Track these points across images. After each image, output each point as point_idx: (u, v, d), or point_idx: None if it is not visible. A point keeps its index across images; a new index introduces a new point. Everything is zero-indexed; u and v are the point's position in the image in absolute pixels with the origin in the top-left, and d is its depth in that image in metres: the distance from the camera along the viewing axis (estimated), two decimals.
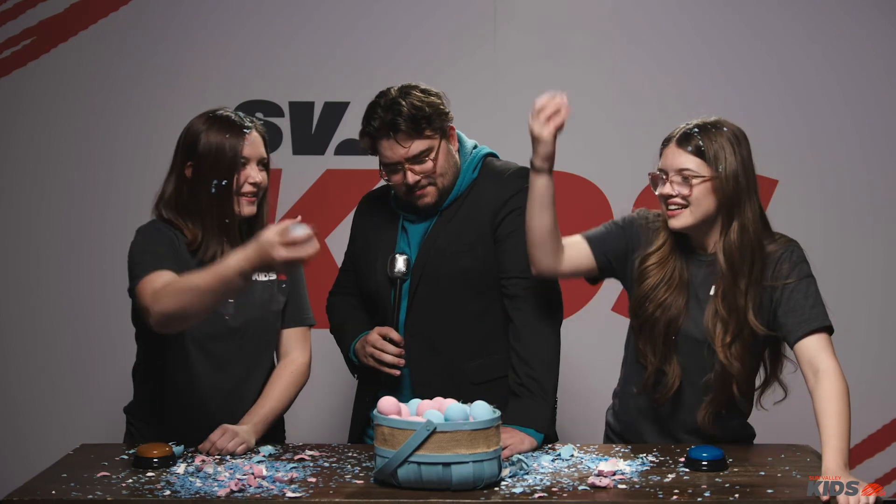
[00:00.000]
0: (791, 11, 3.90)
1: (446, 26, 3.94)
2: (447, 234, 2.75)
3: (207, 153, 2.58)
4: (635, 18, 3.93)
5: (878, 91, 3.91)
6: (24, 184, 4.01)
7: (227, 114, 2.65)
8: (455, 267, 2.72)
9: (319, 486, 2.30)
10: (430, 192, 2.72)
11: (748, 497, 2.22)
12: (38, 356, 4.00)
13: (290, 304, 2.75)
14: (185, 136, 2.63)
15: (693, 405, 2.59)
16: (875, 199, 3.94)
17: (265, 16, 3.96)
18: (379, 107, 2.69)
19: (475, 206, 2.76)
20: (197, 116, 2.66)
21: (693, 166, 2.50)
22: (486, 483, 2.25)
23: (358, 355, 2.80)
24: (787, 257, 2.53)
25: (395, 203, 2.84)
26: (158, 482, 2.31)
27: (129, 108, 3.97)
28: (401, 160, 2.68)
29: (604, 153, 3.92)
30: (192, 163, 2.60)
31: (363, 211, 2.94)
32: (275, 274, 2.69)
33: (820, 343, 2.46)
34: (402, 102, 2.66)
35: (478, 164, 2.80)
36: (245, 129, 2.62)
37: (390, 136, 2.66)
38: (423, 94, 2.69)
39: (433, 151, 2.70)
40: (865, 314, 3.92)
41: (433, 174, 2.71)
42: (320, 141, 3.97)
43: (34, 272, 4.02)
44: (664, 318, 2.55)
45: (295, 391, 2.75)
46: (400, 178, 2.70)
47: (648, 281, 2.57)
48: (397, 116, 2.65)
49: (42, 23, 3.96)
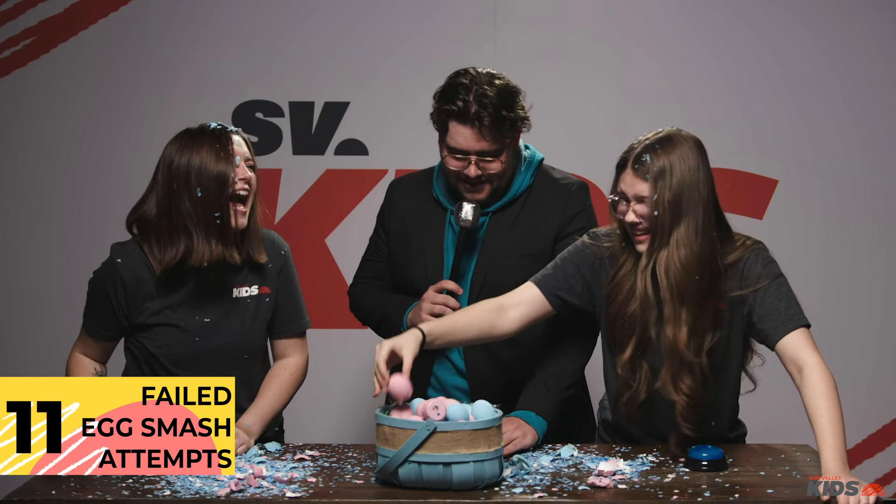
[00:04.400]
0: (791, 11, 3.91)
1: (446, 27, 3.94)
2: (509, 241, 2.73)
3: (192, 164, 2.54)
4: (635, 19, 3.93)
5: (878, 91, 3.91)
6: (24, 184, 4.01)
7: (204, 125, 2.62)
8: (519, 277, 2.63)
9: (319, 486, 2.30)
10: (486, 189, 2.70)
11: (748, 497, 2.22)
12: (37, 356, 4.00)
13: (283, 314, 2.73)
14: (167, 156, 2.58)
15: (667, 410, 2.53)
16: (875, 199, 3.93)
17: (265, 16, 3.96)
18: (466, 89, 2.63)
19: (538, 215, 2.74)
20: (172, 139, 2.60)
21: (648, 192, 2.42)
22: (486, 483, 2.25)
23: (413, 323, 2.69)
24: (754, 260, 2.48)
25: (442, 194, 2.79)
26: (158, 482, 2.31)
27: (128, 108, 3.97)
28: (471, 150, 2.65)
29: (603, 153, 3.90)
30: (178, 178, 2.55)
31: (399, 196, 2.87)
32: (257, 288, 2.68)
33: (800, 340, 2.43)
34: (491, 94, 2.61)
35: (534, 171, 2.78)
36: (229, 130, 2.60)
37: (475, 125, 2.61)
38: (510, 94, 2.65)
39: (504, 153, 2.67)
40: (865, 314, 3.92)
41: (495, 174, 2.69)
42: (320, 141, 3.97)
43: (34, 272, 4.02)
44: (634, 330, 2.50)
45: (293, 390, 2.74)
46: (462, 165, 2.67)
47: (618, 298, 2.51)
48: (484, 109, 2.61)
49: (42, 23, 3.97)
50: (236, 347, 2.66)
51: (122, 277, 2.60)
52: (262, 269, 2.69)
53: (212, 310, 2.63)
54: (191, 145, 2.57)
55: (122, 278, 2.60)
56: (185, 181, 2.54)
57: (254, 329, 2.68)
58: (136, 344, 2.66)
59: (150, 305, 2.61)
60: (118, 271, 2.61)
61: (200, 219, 2.55)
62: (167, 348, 2.62)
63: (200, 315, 2.62)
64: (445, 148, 2.69)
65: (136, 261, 2.61)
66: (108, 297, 2.62)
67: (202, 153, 2.55)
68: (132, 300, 2.61)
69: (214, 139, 2.57)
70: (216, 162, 2.55)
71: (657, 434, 2.60)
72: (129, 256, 2.62)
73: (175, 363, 2.62)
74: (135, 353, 2.67)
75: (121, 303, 2.62)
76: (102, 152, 3.98)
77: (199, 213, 2.55)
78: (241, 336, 2.66)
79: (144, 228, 2.61)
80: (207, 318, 2.62)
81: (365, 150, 3.97)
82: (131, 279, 2.60)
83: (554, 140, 3.85)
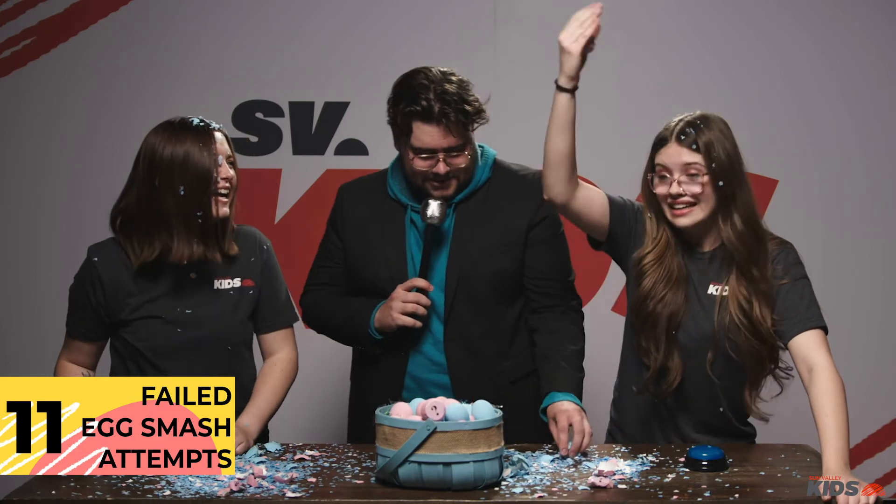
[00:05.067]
0: (791, 11, 3.90)
1: (446, 26, 3.93)
2: (481, 233, 2.77)
3: (176, 158, 2.55)
4: (635, 18, 3.92)
5: (878, 91, 3.91)
6: (24, 184, 4.01)
7: (186, 119, 2.63)
8: (491, 269, 2.72)
9: (319, 486, 2.30)
10: (453, 185, 2.74)
11: (748, 497, 2.22)
12: (37, 356, 3.99)
13: (267, 308, 2.73)
14: (149, 147, 2.59)
15: (694, 401, 2.59)
16: (875, 199, 3.93)
17: (265, 16, 3.96)
18: (426, 89, 2.67)
19: (506, 205, 2.78)
20: (153, 129, 2.62)
21: (698, 161, 2.49)
22: (486, 483, 2.25)
23: (381, 325, 2.76)
24: (783, 258, 2.53)
25: (401, 192, 2.82)
26: (158, 482, 2.31)
27: (128, 108, 3.96)
28: (439, 148, 2.68)
29: (604, 153, 3.92)
30: (160, 171, 2.55)
31: (352, 201, 2.89)
32: (240, 280, 2.68)
33: (814, 340, 2.45)
34: (452, 91, 2.67)
35: (491, 164, 2.83)
36: (211, 128, 2.61)
37: (441, 122, 2.65)
38: (467, 89, 2.71)
39: (468, 146, 2.72)
40: (866, 314, 3.92)
41: (463, 168, 2.72)
42: (320, 141, 3.96)
43: (34, 272, 4.02)
44: (665, 313, 2.55)
45: (286, 387, 2.74)
46: (430, 164, 2.70)
47: (647, 279, 2.56)
48: (448, 105, 2.65)
49: (42, 23, 3.96)
50: (219, 338, 2.66)
51: (99, 276, 2.62)
52: (245, 263, 2.69)
53: (192, 301, 2.63)
54: (174, 139, 2.57)
55: (100, 277, 2.62)
56: (167, 177, 2.55)
57: (236, 320, 2.68)
58: (120, 341, 2.67)
59: (131, 301, 2.62)
60: (95, 270, 2.62)
61: (182, 217, 2.56)
62: (149, 341, 2.62)
63: (181, 307, 2.63)
64: (409, 150, 2.71)
65: (114, 258, 2.62)
66: (87, 298, 2.64)
67: (185, 149, 2.56)
68: (111, 297, 2.62)
69: (198, 136, 2.58)
70: (199, 159, 2.55)
71: (672, 430, 2.61)
72: (106, 253, 2.63)
73: (158, 355, 2.62)
74: (119, 351, 2.68)
75: (100, 301, 2.63)
76: (102, 152, 3.98)
77: (180, 211, 2.55)
78: (223, 327, 2.66)
79: (126, 223, 2.61)
80: (188, 310, 2.62)
81: (365, 150, 3.96)
82: (109, 277, 2.62)
83: None
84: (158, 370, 2.61)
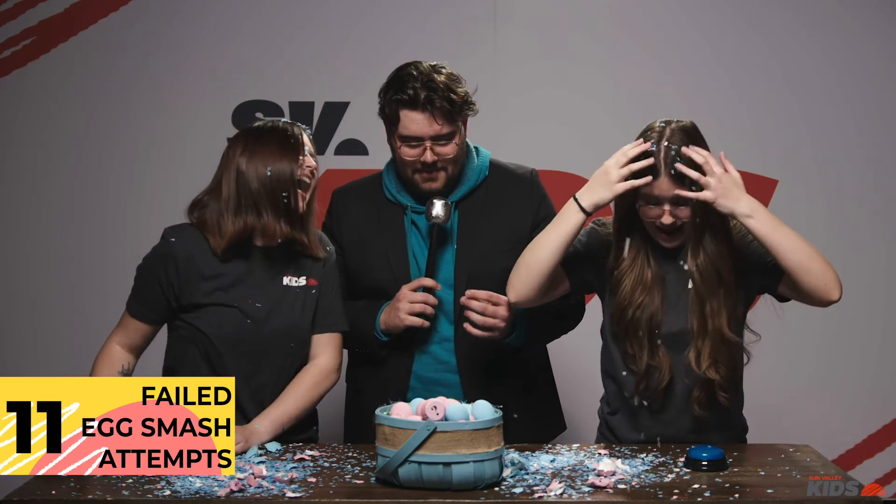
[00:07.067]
0: (792, 11, 3.91)
1: (446, 26, 3.94)
2: (485, 231, 2.79)
3: (264, 150, 2.62)
4: (635, 18, 3.93)
5: (878, 91, 3.91)
6: (24, 184, 4.01)
7: (271, 121, 2.71)
8: (500, 266, 2.70)
9: (319, 486, 2.30)
10: (441, 177, 2.75)
11: (748, 497, 2.22)
12: (37, 356, 4.00)
13: (323, 309, 2.74)
14: (238, 144, 2.66)
15: (683, 400, 2.59)
16: (875, 199, 3.94)
17: (265, 16, 3.96)
18: (414, 78, 2.70)
19: (507, 203, 2.81)
20: (237, 134, 2.71)
21: (689, 196, 2.49)
22: (486, 483, 2.25)
23: (388, 326, 2.77)
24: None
25: (398, 193, 2.83)
26: (158, 482, 2.31)
27: (129, 108, 3.97)
28: (426, 136, 2.69)
29: (604, 153, 3.90)
30: (249, 160, 2.62)
31: (347, 206, 2.91)
32: (305, 279, 2.70)
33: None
34: (439, 80, 2.69)
35: (487, 164, 2.85)
36: (296, 125, 2.70)
37: (426, 109, 2.68)
38: (456, 80, 2.73)
39: (456, 136, 2.73)
40: (866, 314, 3.91)
41: (449, 159, 2.72)
42: (320, 141, 3.96)
43: (34, 272, 4.02)
44: (644, 317, 2.57)
45: (317, 393, 2.71)
46: (417, 153, 2.72)
47: (623, 287, 2.58)
48: (434, 93, 2.67)
49: (42, 23, 3.97)
50: (285, 334, 2.68)
51: (174, 256, 2.64)
52: (311, 263, 2.72)
53: (263, 295, 2.66)
54: (262, 138, 2.65)
55: (175, 256, 2.64)
56: (255, 163, 2.61)
57: (302, 319, 2.70)
58: (184, 324, 2.67)
59: (203, 286, 2.64)
60: (172, 249, 2.65)
61: (269, 198, 2.61)
62: (220, 328, 2.64)
63: (253, 299, 2.65)
64: (398, 139, 2.73)
65: (191, 241, 2.66)
66: (158, 278, 2.65)
67: (273, 142, 2.63)
68: (185, 278, 2.64)
69: (283, 130, 2.66)
70: (286, 147, 2.63)
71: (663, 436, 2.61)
72: (184, 235, 2.66)
73: (225, 343, 2.63)
74: (182, 333, 2.68)
75: (172, 282, 2.64)
76: (102, 152, 3.98)
77: (268, 192, 2.60)
78: (290, 324, 2.68)
79: (207, 212, 2.65)
80: (259, 304, 2.65)
81: (365, 150, 3.97)
82: (185, 257, 2.64)
83: (554, 139, 3.86)
84: (222, 359, 2.63)
